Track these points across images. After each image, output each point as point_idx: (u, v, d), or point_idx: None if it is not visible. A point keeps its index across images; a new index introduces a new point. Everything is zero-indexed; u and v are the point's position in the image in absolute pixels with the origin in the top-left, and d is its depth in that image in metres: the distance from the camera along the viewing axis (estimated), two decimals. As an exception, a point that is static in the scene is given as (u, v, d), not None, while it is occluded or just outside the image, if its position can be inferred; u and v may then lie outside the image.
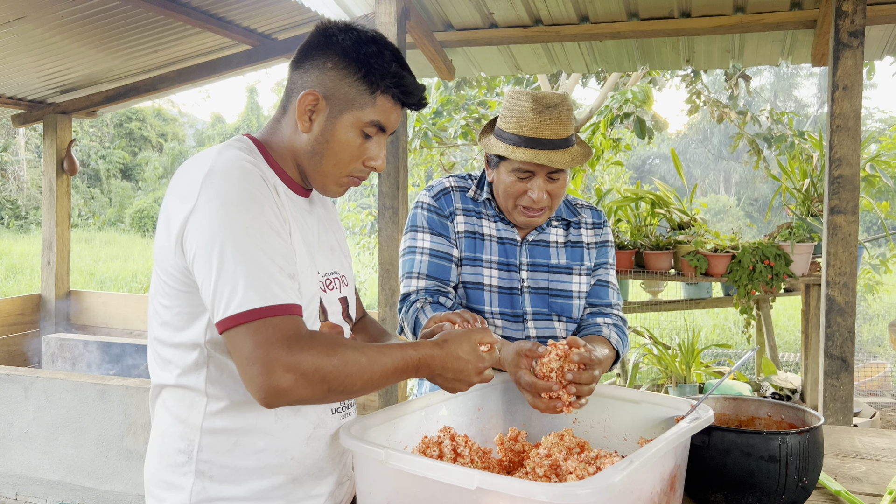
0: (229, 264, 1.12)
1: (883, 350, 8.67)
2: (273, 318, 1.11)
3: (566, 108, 1.73)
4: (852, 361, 3.21)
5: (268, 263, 1.14)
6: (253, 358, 1.09)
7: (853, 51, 3.19)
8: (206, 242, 1.13)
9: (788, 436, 1.41)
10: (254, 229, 1.14)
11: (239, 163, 1.20)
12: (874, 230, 14.50)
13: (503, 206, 1.83)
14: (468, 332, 1.29)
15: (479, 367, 1.28)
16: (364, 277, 10.47)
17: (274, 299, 1.12)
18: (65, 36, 4.46)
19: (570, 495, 1.03)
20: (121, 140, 25.51)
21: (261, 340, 1.10)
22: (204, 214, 1.14)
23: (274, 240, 1.17)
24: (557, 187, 1.77)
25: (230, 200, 1.15)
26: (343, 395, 1.16)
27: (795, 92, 31.15)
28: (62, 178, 5.98)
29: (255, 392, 1.10)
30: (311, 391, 1.11)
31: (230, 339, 1.12)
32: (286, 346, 1.10)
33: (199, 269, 1.15)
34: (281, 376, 1.09)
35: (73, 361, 4.56)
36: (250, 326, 1.10)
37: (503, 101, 1.83)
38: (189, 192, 1.17)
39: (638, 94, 6.03)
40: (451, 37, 4.31)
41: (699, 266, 4.21)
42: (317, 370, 1.11)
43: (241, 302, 1.11)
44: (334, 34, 1.28)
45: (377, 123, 1.29)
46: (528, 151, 1.69)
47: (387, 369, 1.19)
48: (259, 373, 1.09)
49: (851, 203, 3.20)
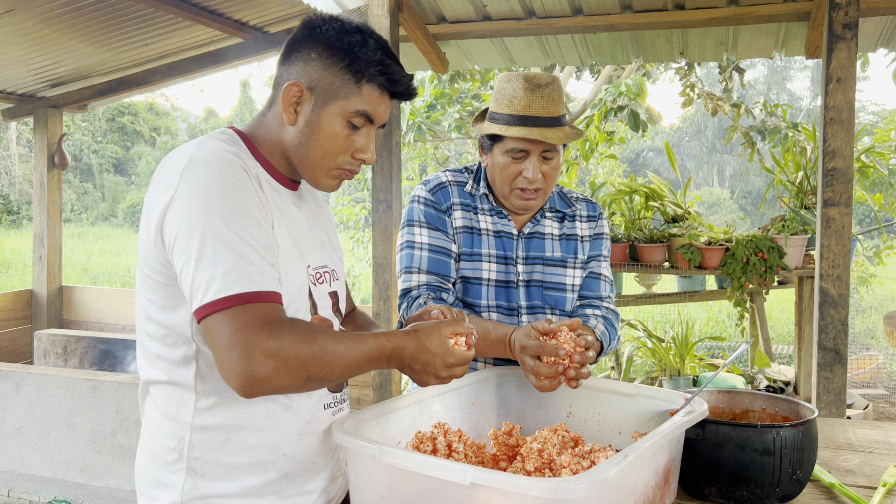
0: (208, 252, 1.10)
1: (876, 342, 8.71)
2: (253, 305, 1.09)
3: (557, 87, 1.75)
4: (846, 353, 3.22)
5: (247, 250, 1.12)
6: (232, 344, 1.07)
7: (847, 43, 3.19)
8: (184, 231, 1.12)
9: (783, 429, 1.41)
10: (233, 217, 1.13)
11: (219, 153, 1.18)
12: (867, 222, 14.56)
13: (498, 190, 1.82)
14: (438, 325, 1.26)
15: (446, 361, 1.25)
16: (358, 271, 10.45)
17: (253, 285, 1.10)
18: (55, 29, 4.42)
19: (564, 490, 1.02)
20: (113, 134, 25.40)
21: (240, 326, 1.08)
22: (182, 203, 1.13)
23: (254, 228, 1.15)
24: (551, 168, 1.78)
25: (209, 189, 1.13)
26: (320, 383, 1.15)
27: (789, 84, 31.21)
28: (53, 172, 5.94)
29: (234, 379, 1.08)
30: (290, 379, 1.10)
31: (207, 327, 1.10)
32: (267, 332, 1.08)
33: (178, 258, 1.13)
34: (262, 362, 1.07)
35: (65, 357, 4.54)
36: (229, 312, 1.08)
37: (495, 86, 1.84)
38: (168, 183, 1.16)
39: (632, 87, 6.02)
40: (445, 29, 4.29)
41: (693, 259, 4.21)
42: (297, 357, 1.09)
43: (219, 288, 1.09)
44: (318, 25, 1.27)
45: (364, 113, 1.27)
46: (522, 129, 1.71)
47: (362, 357, 1.18)
48: (238, 359, 1.06)
49: (845, 195, 3.20)
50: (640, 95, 6.06)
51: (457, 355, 1.25)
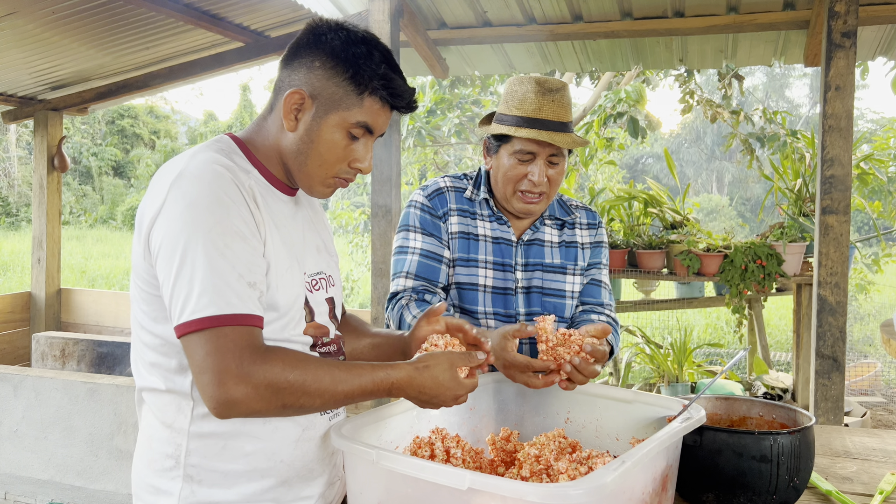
0: (187, 268, 1.10)
1: (874, 350, 8.71)
2: (226, 328, 1.09)
3: (567, 94, 1.77)
4: (843, 361, 3.23)
5: (227, 270, 1.12)
6: (203, 367, 1.08)
7: (846, 51, 3.20)
8: (168, 244, 1.12)
9: (780, 436, 1.41)
10: (216, 233, 1.12)
11: (211, 166, 1.18)
12: (865, 230, 14.57)
13: (502, 192, 1.83)
14: (449, 357, 1.26)
15: (455, 394, 1.26)
16: (357, 276, 10.44)
17: (229, 308, 1.10)
18: (56, 32, 4.43)
19: (561, 496, 1.02)
20: (113, 137, 25.38)
21: (211, 349, 1.08)
22: (169, 216, 1.13)
23: (237, 245, 1.14)
24: (556, 173, 1.79)
25: (196, 203, 1.13)
26: (301, 411, 1.15)
27: (787, 92, 31.27)
28: (53, 175, 5.94)
29: (207, 401, 1.09)
30: (263, 405, 1.10)
31: (185, 346, 1.11)
32: (237, 357, 1.08)
33: (161, 271, 1.14)
34: (232, 388, 1.07)
35: (62, 360, 4.53)
36: (202, 335, 1.09)
37: (504, 88, 1.85)
38: (158, 195, 1.16)
39: (631, 94, 6.04)
40: (445, 35, 4.30)
41: (692, 265, 4.22)
42: (270, 384, 1.09)
43: (194, 308, 1.09)
44: (324, 33, 1.27)
45: (364, 125, 1.27)
46: (532, 130, 1.73)
47: (353, 390, 1.17)
48: (209, 382, 1.07)
49: (843, 203, 3.21)
50: (640, 102, 6.07)
51: (466, 386, 1.27)
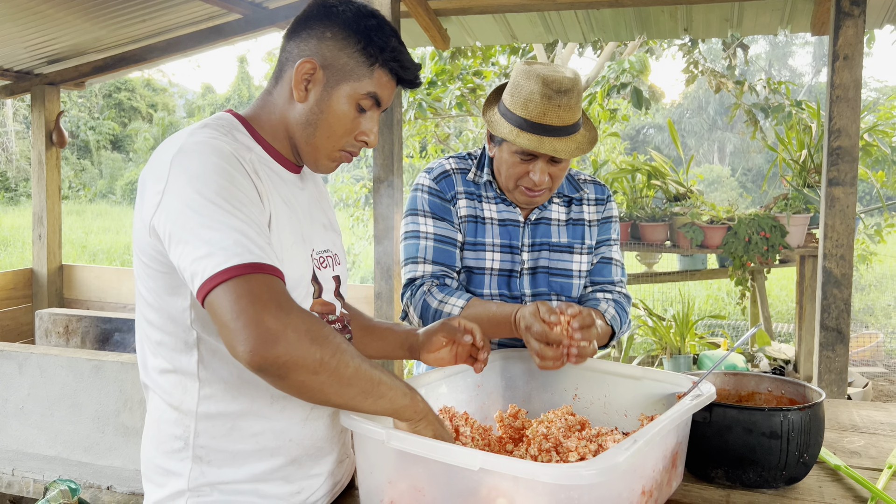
0: (204, 233, 1.06)
1: (875, 320, 8.73)
2: (254, 276, 1.04)
3: (576, 92, 1.66)
4: (848, 333, 3.22)
5: (244, 226, 1.08)
6: (237, 311, 1.01)
7: (854, 20, 3.14)
8: (177, 218, 1.08)
9: (790, 412, 1.40)
10: (225, 198, 1.09)
11: (210, 141, 1.16)
12: (868, 200, 14.53)
13: (504, 185, 1.79)
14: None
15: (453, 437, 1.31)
16: (358, 250, 10.43)
17: (252, 257, 1.05)
18: (52, 5, 4.36)
19: (574, 476, 1.02)
20: (110, 111, 25.22)
21: (243, 293, 1.02)
22: (174, 191, 1.10)
23: (248, 208, 1.11)
24: (559, 170, 1.73)
25: (199, 174, 1.10)
26: (333, 376, 1.06)
27: (790, 61, 30.98)
28: (51, 150, 5.89)
29: (241, 344, 1.00)
30: (302, 350, 1.02)
31: (211, 305, 1.04)
32: (274, 302, 1.02)
33: (175, 247, 1.09)
34: (270, 326, 1.00)
35: (66, 336, 4.54)
36: (228, 286, 1.02)
37: (512, 73, 1.76)
38: (160, 173, 1.13)
39: (635, 64, 5.96)
40: (446, 5, 4.23)
41: (695, 238, 4.21)
42: (308, 330, 1.04)
43: (219, 262, 1.03)
44: (334, 5, 1.26)
45: (373, 95, 1.27)
46: (533, 139, 1.64)
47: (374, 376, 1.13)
48: (245, 325, 1.00)
49: (850, 175, 3.18)
50: (644, 72, 6.00)
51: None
